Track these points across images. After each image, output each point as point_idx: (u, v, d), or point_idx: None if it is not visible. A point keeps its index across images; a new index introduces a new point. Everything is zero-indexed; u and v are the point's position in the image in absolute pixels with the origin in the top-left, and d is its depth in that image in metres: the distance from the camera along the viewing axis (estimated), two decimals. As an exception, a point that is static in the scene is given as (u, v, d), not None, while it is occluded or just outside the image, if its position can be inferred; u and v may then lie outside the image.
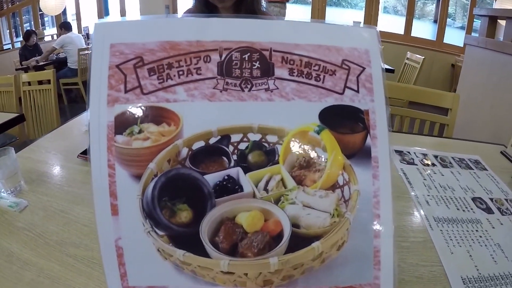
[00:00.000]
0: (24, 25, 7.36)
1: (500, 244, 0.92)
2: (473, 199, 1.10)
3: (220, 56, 0.51)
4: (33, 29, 6.70)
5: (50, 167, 1.24)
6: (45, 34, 7.34)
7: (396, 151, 1.38)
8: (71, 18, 7.79)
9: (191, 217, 0.52)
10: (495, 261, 0.86)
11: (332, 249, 0.53)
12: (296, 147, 0.56)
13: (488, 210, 1.05)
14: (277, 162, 0.56)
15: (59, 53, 6.07)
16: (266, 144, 0.56)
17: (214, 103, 0.51)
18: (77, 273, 0.76)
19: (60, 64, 5.85)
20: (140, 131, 0.52)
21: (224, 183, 0.55)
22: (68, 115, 4.71)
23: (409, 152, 1.37)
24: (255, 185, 0.56)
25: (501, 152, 1.45)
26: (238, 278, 0.51)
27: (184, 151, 0.56)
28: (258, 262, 0.50)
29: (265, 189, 0.56)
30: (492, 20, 2.99)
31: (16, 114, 2.11)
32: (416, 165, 1.29)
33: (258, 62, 0.51)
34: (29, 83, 2.76)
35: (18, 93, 2.73)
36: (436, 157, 1.36)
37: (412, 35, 5.91)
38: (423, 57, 3.93)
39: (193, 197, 0.53)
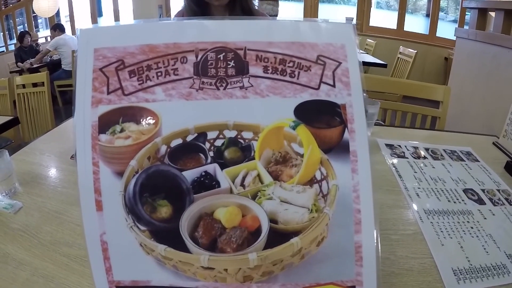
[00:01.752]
0: (18, 27, 7.32)
1: (492, 234, 0.92)
2: (465, 191, 1.11)
3: (196, 57, 0.52)
4: (27, 30, 6.66)
5: (44, 169, 1.25)
6: (39, 36, 7.30)
7: (387, 144, 1.39)
8: (64, 19, 7.77)
9: (171, 212, 0.53)
10: (487, 252, 0.87)
11: (311, 245, 0.53)
12: (271, 142, 0.56)
13: (480, 201, 1.06)
14: (253, 158, 0.57)
15: (53, 55, 6.05)
16: (241, 141, 0.57)
17: (191, 102, 0.53)
18: (70, 272, 0.77)
19: (54, 66, 5.84)
20: (121, 130, 0.54)
21: (202, 179, 0.56)
22: (64, 117, 4.69)
23: (399, 146, 1.38)
24: (231, 181, 0.56)
25: (493, 143, 1.46)
26: (218, 274, 0.52)
27: (163, 149, 0.57)
28: (237, 258, 0.51)
29: (242, 185, 0.56)
30: (482, 12, 3.01)
31: (11, 117, 2.10)
32: (407, 158, 1.30)
33: (232, 61, 0.52)
34: (23, 86, 2.75)
35: (12, 96, 2.73)
36: (427, 149, 1.37)
37: (404, 29, 5.93)
38: (416, 51, 3.94)
39: (172, 193, 0.54)
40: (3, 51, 7.00)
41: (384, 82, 2.03)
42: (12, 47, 6.79)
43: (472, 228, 0.95)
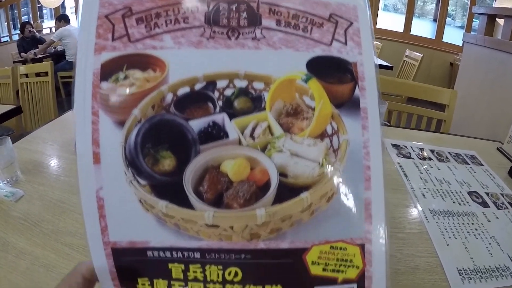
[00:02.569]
0: (22, 17, 7.31)
1: (496, 237, 0.92)
2: (469, 193, 1.10)
3: (208, 7, 0.51)
4: (31, 21, 6.66)
5: (46, 158, 1.24)
6: (44, 27, 7.31)
7: (393, 144, 1.38)
8: (70, 11, 7.76)
9: (175, 164, 0.50)
10: (491, 254, 0.87)
11: (321, 200, 0.50)
12: (283, 94, 0.54)
13: (484, 204, 1.06)
14: (264, 109, 0.54)
15: (57, 46, 6.05)
16: (252, 91, 0.54)
17: (201, 50, 0.50)
18: (72, 262, 0.76)
19: (58, 57, 5.83)
20: (125, 78, 0.51)
21: (209, 129, 0.53)
22: (66, 108, 4.64)
23: (405, 146, 1.38)
24: (240, 132, 0.54)
25: (498, 149, 1.45)
26: (223, 232, 0.49)
27: (169, 97, 0.54)
28: (244, 214, 0.48)
29: (251, 136, 0.54)
30: (491, 18, 3.00)
31: (13, 106, 2.09)
32: (413, 158, 1.29)
33: (245, 13, 0.51)
34: (27, 76, 2.74)
35: (15, 85, 2.72)
36: (432, 151, 1.36)
37: (411, 33, 5.91)
38: (422, 55, 3.93)
39: (177, 143, 0.51)
40: (7, 41, 7.00)
41: (390, 83, 2.02)
42: (16, 37, 6.78)
43: (476, 229, 0.95)
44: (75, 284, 0.44)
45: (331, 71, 0.52)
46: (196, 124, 0.52)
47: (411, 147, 1.38)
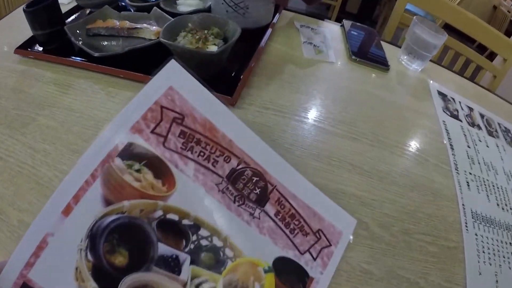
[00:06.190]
0: None
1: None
2: (514, 194, 0.81)
3: (238, 165, 0.52)
4: None
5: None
6: None
7: (439, 92, 1.05)
8: None
9: (123, 265, 0.47)
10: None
11: None
12: (242, 271, 0.54)
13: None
14: (220, 273, 0.53)
15: None
16: (221, 253, 0.54)
17: (208, 196, 0.51)
18: None
19: None
20: (138, 171, 0.49)
21: (169, 260, 0.52)
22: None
23: (453, 99, 1.05)
24: (191, 278, 0.52)
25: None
26: None
27: (159, 213, 0.52)
28: None
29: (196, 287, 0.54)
30: None
31: None
32: (461, 121, 0.97)
33: (259, 190, 0.53)
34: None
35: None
36: (482, 116, 1.04)
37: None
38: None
39: (138, 252, 0.49)
40: None
41: (447, 8, 1.60)
42: None
43: (512, 256, 0.69)
44: None
45: (290, 275, 0.54)
46: (163, 249, 0.52)
47: (460, 102, 1.05)
